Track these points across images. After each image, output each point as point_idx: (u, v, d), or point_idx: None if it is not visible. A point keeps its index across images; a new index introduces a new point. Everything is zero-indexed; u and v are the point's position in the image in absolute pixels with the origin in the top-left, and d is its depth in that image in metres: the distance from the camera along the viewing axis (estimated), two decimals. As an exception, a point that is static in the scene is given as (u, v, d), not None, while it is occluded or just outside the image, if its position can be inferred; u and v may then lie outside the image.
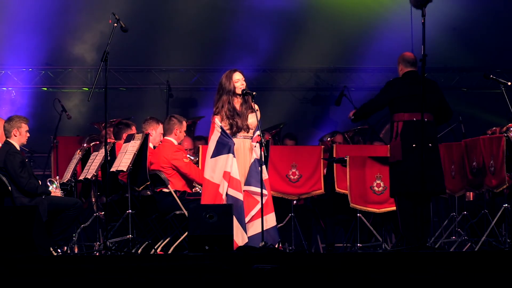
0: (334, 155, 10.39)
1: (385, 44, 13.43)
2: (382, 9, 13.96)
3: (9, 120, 9.58)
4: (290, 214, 10.50)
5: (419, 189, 8.64)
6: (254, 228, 8.57)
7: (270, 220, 8.63)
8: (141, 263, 7.21)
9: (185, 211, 9.47)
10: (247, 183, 8.64)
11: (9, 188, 9.29)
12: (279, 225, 10.16)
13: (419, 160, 8.59)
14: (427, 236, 9.27)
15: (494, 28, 14.11)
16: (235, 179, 8.59)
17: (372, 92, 12.14)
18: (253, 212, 8.59)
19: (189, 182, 9.94)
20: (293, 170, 10.42)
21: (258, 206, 8.53)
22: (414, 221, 8.75)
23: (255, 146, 8.64)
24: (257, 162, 8.62)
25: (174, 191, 9.64)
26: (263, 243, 8.36)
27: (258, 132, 8.68)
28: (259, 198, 8.51)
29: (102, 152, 9.71)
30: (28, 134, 9.59)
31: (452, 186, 10.23)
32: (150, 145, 9.89)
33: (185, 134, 10.16)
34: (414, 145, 8.71)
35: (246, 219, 8.58)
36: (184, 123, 10.07)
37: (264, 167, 8.62)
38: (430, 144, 8.75)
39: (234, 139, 8.66)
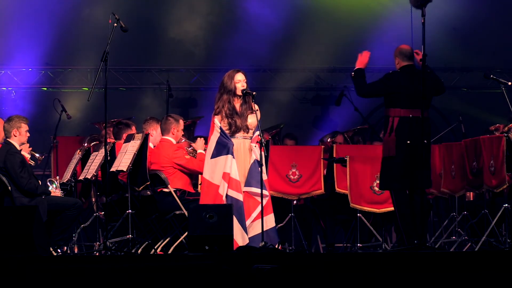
0: (334, 155, 10.39)
1: (385, 44, 13.41)
2: (382, 9, 13.96)
3: (8, 120, 9.57)
4: (290, 214, 10.50)
5: (410, 185, 8.64)
6: (254, 229, 8.57)
7: (269, 221, 8.63)
8: (141, 263, 7.20)
9: (185, 211, 9.47)
10: (247, 184, 8.64)
11: (9, 188, 9.29)
12: (279, 225, 10.18)
13: (412, 157, 8.60)
14: (426, 231, 9.26)
15: (494, 28, 14.11)
16: (235, 180, 8.59)
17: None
18: (254, 214, 8.58)
19: (192, 178, 9.98)
20: (293, 170, 10.42)
21: (259, 208, 8.53)
22: (411, 213, 8.73)
23: (255, 146, 8.63)
24: (257, 163, 8.62)
25: (174, 190, 9.65)
26: (263, 243, 8.36)
27: (257, 132, 8.68)
28: (259, 199, 8.50)
29: (102, 152, 9.71)
30: (28, 134, 9.59)
31: (452, 186, 10.22)
32: (151, 145, 9.89)
33: (182, 133, 10.16)
34: (408, 142, 8.70)
35: (248, 221, 8.58)
36: (181, 122, 10.08)
37: (264, 167, 8.61)
38: (425, 141, 8.74)
39: (233, 140, 8.66)
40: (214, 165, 8.64)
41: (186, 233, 8.88)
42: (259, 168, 8.56)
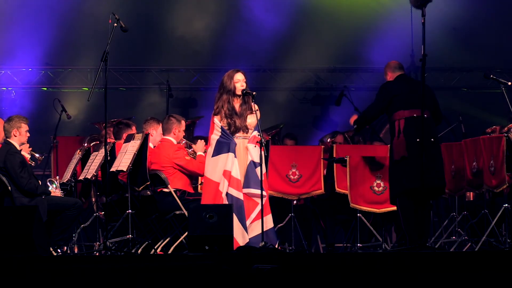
0: (334, 155, 10.39)
1: (385, 44, 13.44)
2: (382, 9, 13.97)
3: (8, 120, 9.58)
4: (290, 214, 10.49)
5: (425, 184, 8.58)
6: (253, 230, 8.57)
7: (268, 222, 8.63)
8: (141, 263, 7.20)
9: (185, 211, 9.47)
10: (246, 185, 8.62)
11: (9, 188, 9.29)
12: (279, 225, 10.18)
13: (424, 155, 8.57)
14: (428, 236, 9.26)
15: (494, 28, 14.11)
16: (236, 179, 8.58)
17: (372, 92, 12.14)
18: (253, 215, 8.58)
19: (192, 179, 9.97)
20: (293, 170, 10.42)
21: (258, 208, 8.52)
22: (416, 219, 8.72)
23: (254, 147, 8.62)
24: (252, 163, 8.61)
25: (174, 190, 9.65)
26: (263, 243, 8.36)
27: (255, 133, 8.66)
28: (258, 200, 8.50)
29: (102, 152, 9.71)
30: (28, 134, 9.59)
31: (452, 186, 10.22)
32: (151, 145, 9.89)
33: (184, 134, 10.17)
34: (418, 140, 8.68)
35: (248, 222, 8.57)
36: (183, 122, 10.08)
37: (264, 168, 8.60)
38: (432, 139, 8.74)
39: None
40: (215, 163, 8.64)
41: (186, 233, 8.88)
42: (256, 169, 8.56)
